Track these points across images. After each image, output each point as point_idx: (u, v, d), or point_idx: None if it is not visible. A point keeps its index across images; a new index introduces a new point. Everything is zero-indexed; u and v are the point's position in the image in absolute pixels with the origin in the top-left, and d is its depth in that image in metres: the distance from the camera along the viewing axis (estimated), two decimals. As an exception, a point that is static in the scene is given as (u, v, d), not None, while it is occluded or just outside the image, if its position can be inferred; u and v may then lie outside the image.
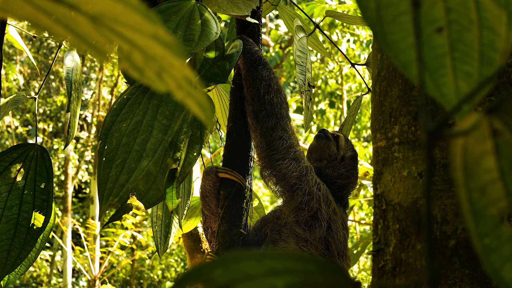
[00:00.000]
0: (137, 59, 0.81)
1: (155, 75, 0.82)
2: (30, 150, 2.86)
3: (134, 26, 0.77)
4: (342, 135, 3.47)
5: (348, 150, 3.40)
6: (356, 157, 3.43)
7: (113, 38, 0.79)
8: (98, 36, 0.80)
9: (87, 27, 0.79)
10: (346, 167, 3.35)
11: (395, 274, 1.76)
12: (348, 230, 3.24)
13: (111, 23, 0.78)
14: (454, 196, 1.71)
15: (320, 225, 3.05)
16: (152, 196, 2.71)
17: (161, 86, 0.83)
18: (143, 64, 0.81)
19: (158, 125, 2.20)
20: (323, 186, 3.12)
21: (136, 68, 0.82)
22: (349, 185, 3.35)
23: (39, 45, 16.60)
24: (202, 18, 2.52)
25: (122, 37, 0.79)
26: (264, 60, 3.15)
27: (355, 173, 3.39)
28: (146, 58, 0.81)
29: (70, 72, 2.95)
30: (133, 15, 0.75)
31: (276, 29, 13.32)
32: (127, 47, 0.80)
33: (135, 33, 0.78)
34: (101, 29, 0.79)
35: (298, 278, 0.81)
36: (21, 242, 2.79)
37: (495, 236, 0.91)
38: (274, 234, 3.19)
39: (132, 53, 0.80)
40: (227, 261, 0.80)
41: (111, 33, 0.79)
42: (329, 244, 3.08)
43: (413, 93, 1.81)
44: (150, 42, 0.78)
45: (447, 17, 0.97)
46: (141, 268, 15.32)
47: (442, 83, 0.99)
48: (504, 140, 0.88)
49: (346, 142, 3.44)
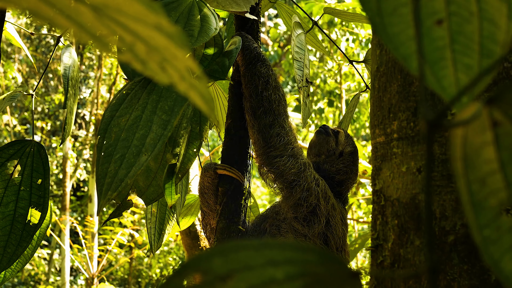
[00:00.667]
0: (140, 50, 0.81)
1: (158, 66, 0.82)
2: (27, 146, 2.86)
3: (137, 17, 0.77)
4: (342, 131, 3.47)
5: (347, 146, 3.40)
6: (356, 153, 3.42)
7: (116, 28, 0.79)
8: (101, 26, 0.80)
9: (90, 17, 0.79)
10: (345, 162, 3.35)
11: (393, 269, 1.77)
12: (347, 226, 3.24)
13: (114, 13, 0.78)
14: (453, 191, 1.71)
15: (319, 220, 3.06)
16: (153, 192, 2.70)
17: (164, 77, 0.83)
18: (146, 55, 0.81)
19: (157, 120, 2.20)
20: (322, 182, 3.13)
21: (139, 59, 0.82)
22: (347, 180, 3.35)
23: (38, 43, 16.59)
24: (201, 14, 2.52)
25: (125, 27, 0.79)
26: (263, 56, 3.15)
27: (354, 169, 3.39)
28: (149, 49, 0.81)
29: (67, 69, 2.94)
30: (135, 5, 0.76)
31: (275, 28, 13.31)
32: (130, 38, 0.80)
33: (138, 24, 0.78)
34: (104, 20, 0.79)
35: (297, 268, 0.81)
36: (17, 238, 2.79)
37: (494, 227, 0.91)
38: (273, 229, 3.20)
39: (135, 44, 0.80)
40: (226, 251, 0.80)
41: (114, 23, 0.79)
42: (328, 239, 3.08)
43: (412, 89, 1.81)
44: (153, 32, 0.78)
45: (447, 9, 0.97)
46: (139, 267, 15.32)
47: (442, 75, 0.99)
48: (504, 131, 0.88)
49: (346, 138, 3.44)
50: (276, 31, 13.31)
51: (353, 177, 3.38)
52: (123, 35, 0.80)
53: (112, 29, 0.80)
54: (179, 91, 0.83)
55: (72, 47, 3.07)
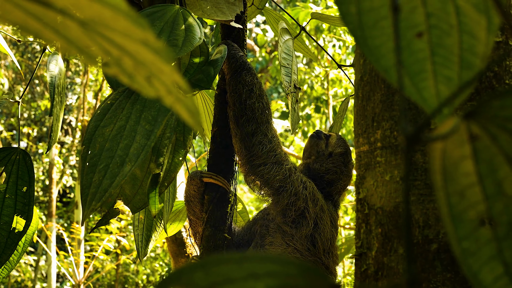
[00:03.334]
0: (127, 64, 0.82)
1: (145, 80, 0.83)
2: (13, 154, 2.86)
3: (124, 32, 0.79)
4: (334, 135, 3.48)
5: (338, 147, 3.39)
6: (347, 155, 3.40)
7: (103, 43, 0.81)
8: (88, 40, 0.81)
9: (77, 32, 0.80)
10: (335, 162, 3.35)
11: (377, 278, 1.78)
12: (337, 228, 3.24)
13: (101, 28, 0.79)
14: (436, 200, 1.73)
15: (307, 223, 3.06)
16: (139, 200, 2.71)
17: (150, 91, 0.84)
18: (133, 69, 0.82)
19: (141, 130, 2.21)
20: (310, 184, 3.14)
21: (126, 73, 0.83)
22: (337, 181, 3.34)
23: (24, 49, 16.53)
24: (186, 23, 2.52)
25: (112, 42, 0.80)
26: (249, 65, 3.16)
27: (345, 170, 3.37)
28: (136, 64, 0.82)
29: (54, 77, 2.94)
30: (122, 21, 0.77)
31: (263, 34, 13.32)
32: (117, 52, 0.81)
33: (125, 39, 0.79)
34: (91, 34, 0.80)
35: (278, 281, 0.82)
36: (1, 246, 2.79)
37: (473, 239, 0.93)
38: (263, 229, 3.21)
39: (122, 58, 0.81)
40: (207, 264, 0.81)
41: (101, 38, 0.80)
42: (315, 241, 3.09)
43: (396, 98, 1.83)
44: (140, 47, 0.80)
45: (427, 22, 0.99)
46: (126, 273, 15.27)
47: (422, 87, 1.01)
48: (482, 145, 0.90)
49: (338, 140, 3.43)
50: (263, 37, 13.32)
51: (344, 178, 3.36)
52: (110, 50, 0.82)
53: (99, 43, 0.81)
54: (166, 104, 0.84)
55: (58, 54, 3.07)
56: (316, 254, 3.09)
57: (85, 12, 0.78)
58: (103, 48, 0.82)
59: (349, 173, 3.41)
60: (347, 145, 3.46)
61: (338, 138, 3.46)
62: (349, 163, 3.41)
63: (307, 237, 3.08)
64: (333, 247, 3.17)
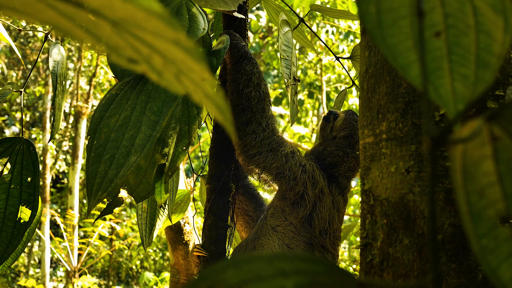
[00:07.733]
0: (156, 62, 0.83)
1: (174, 77, 0.85)
2: (16, 144, 2.85)
3: (156, 31, 0.80)
4: (343, 115, 3.48)
5: (342, 131, 3.38)
6: (352, 136, 3.39)
7: (133, 42, 0.82)
8: (118, 39, 0.82)
9: (107, 31, 0.82)
10: (338, 145, 3.35)
11: (382, 268, 1.79)
12: (340, 211, 3.24)
13: (132, 28, 0.80)
14: (441, 191, 1.74)
15: (306, 205, 3.10)
16: (143, 190, 2.71)
17: (179, 88, 0.86)
18: (163, 67, 0.84)
19: (146, 120, 2.20)
20: (310, 167, 3.16)
21: (155, 70, 0.84)
22: (341, 163, 3.34)
23: (16, 34, 16.46)
24: (190, 14, 2.52)
25: (143, 41, 0.82)
26: (250, 55, 3.16)
27: (350, 152, 3.36)
28: (165, 62, 0.83)
29: (56, 66, 2.93)
30: (155, 21, 0.78)
31: (257, 20, 13.30)
32: (147, 51, 0.83)
33: (156, 38, 0.81)
34: (121, 33, 0.82)
35: (306, 279, 0.84)
36: (8, 236, 2.78)
37: (492, 237, 0.95)
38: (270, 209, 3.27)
39: (152, 56, 0.83)
40: (239, 263, 0.83)
41: (131, 37, 0.82)
42: (312, 221, 3.12)
43: (401, 90, 1.84)
44: (171, 46, 0.81)
45: (445, 22, 1.00)
46: (119, 259, 15.29)
47: (439, 84, 1.02)
48: (502, 145, 0.92)
49: (344, 122, 3.42)
50: (257, 23, 13.30)
51: (349, 160, 3.35)
52: (140, 48, 0.83)
53: (130, 42, 0.83)
54: (194, 100, 0.86)
55: (60, 43, 3.06)
56: (312, 232, 3.12)
57: (117, 13, 0.79)
58: (133, 46, 0.83)
59: (355, 155, 3.38)
60: (353, 127, 3.42)
61: (344, 119, 3.45)
62: (356, 144, 3.39)
63: (303, 218, 3.11)
64: (332, 228, 3.18)
